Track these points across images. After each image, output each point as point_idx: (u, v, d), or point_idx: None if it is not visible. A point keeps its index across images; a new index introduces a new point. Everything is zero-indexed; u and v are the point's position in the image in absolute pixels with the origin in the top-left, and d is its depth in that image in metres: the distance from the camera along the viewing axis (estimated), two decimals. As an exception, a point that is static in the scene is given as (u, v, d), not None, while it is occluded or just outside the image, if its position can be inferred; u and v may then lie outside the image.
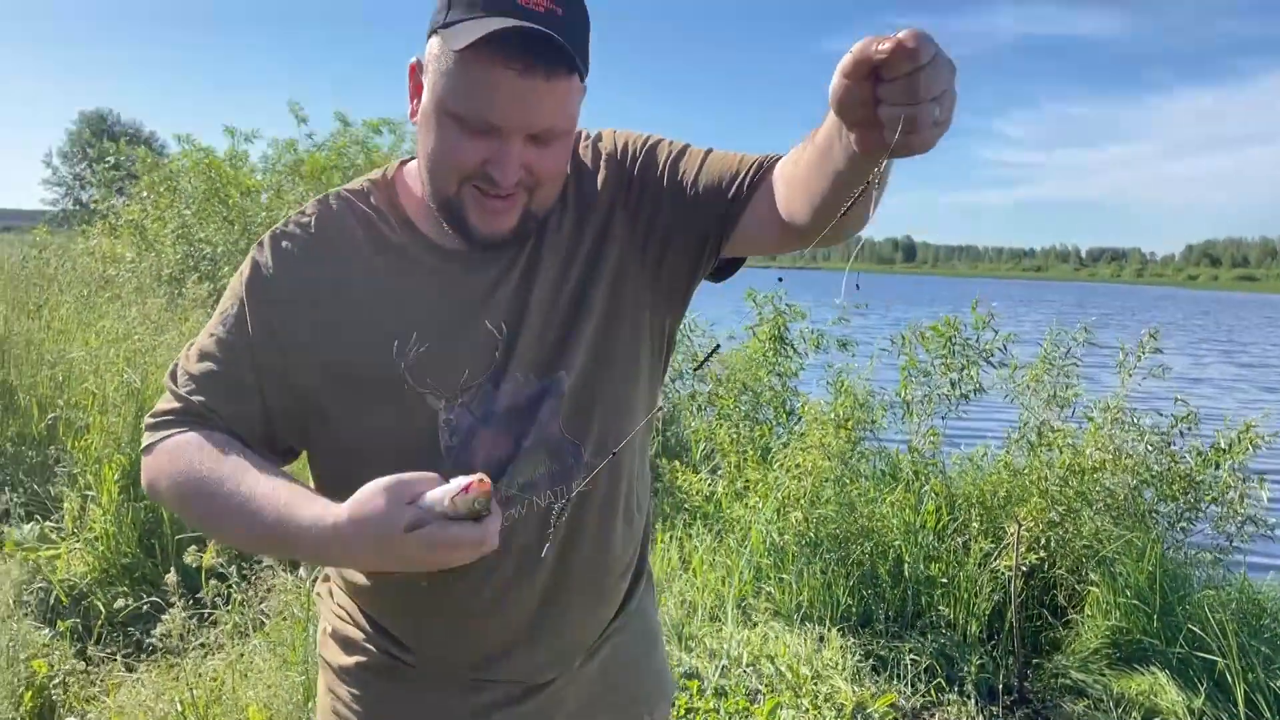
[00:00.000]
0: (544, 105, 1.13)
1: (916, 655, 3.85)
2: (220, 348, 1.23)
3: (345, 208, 1.28)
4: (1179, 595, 3.96)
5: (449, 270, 1.25)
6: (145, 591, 3.58)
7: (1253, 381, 19.12)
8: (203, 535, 1.23)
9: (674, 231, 1.29)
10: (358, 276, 1.23)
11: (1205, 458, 4.35)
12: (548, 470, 1.29)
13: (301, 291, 1.23)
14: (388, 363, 1.19)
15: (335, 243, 1.25)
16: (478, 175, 1.15)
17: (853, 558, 4.31)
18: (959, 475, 4.80)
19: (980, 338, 4.70)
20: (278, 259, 1.24)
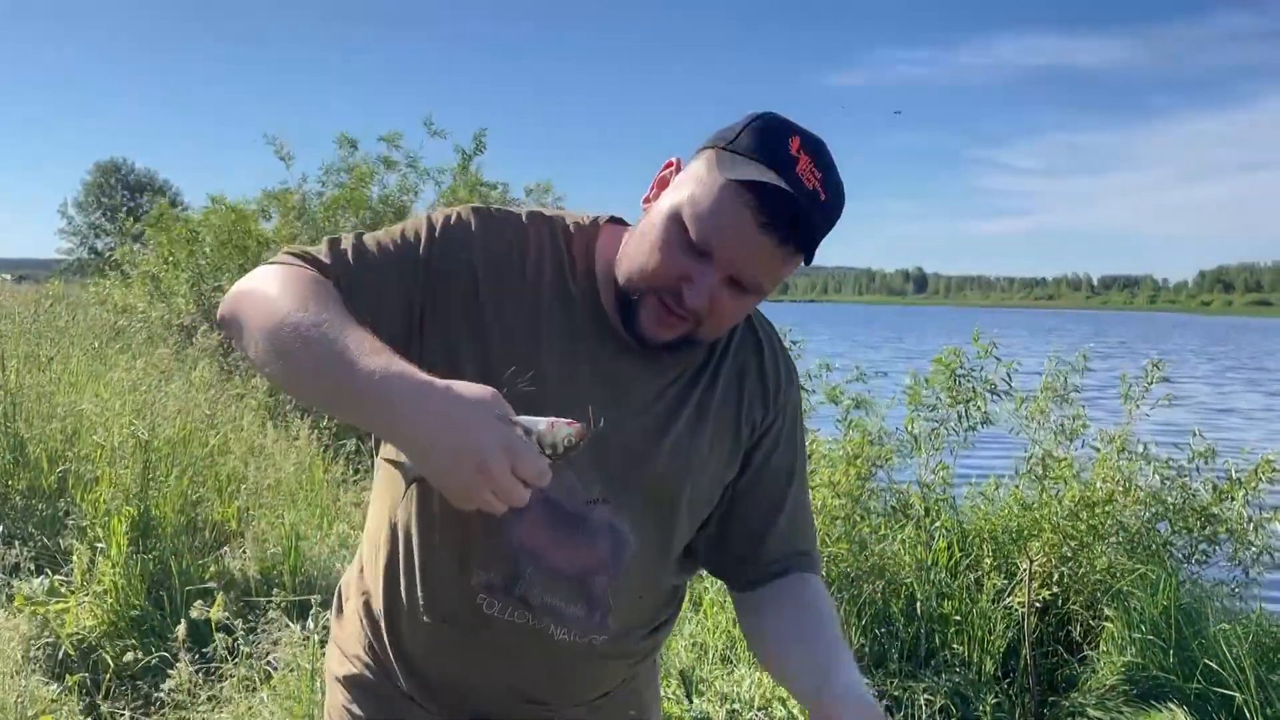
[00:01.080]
0: (761, 261, 1.19)
1: (931, 695, 3.80)
2: (389, 250, 1.25)
3: (548, 230, 1.32)
4: (1195, 630, 3.90)
5: (598, 340, 1.28)
6: (154, 644, 3.57)
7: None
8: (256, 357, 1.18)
9: (733, 508, 1.39)
10: (526, 289, 1.27)
11: (1220, 490, 4.31)
12: (575, 612, 1.30)
13: (482, 265, 1.26)
14: (497, 380, 1.16)
15: (529, 256, 1.29)
16: (670, 288, 1.20)
17: (864, 597, 4.27)
18: (970, 509, 4.76)
19: (984, 367, 4.67)
20: (481, 225, 1.29)
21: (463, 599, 1.28)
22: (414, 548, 1.31)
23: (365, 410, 1.06)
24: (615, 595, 1.30)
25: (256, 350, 1.16)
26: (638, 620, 1.36)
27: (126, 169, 53.56)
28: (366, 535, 1.44)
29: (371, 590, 1.40)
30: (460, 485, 1.01)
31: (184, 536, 4.20)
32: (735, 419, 1.36)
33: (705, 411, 1.33)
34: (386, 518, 1.36)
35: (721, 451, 1.34)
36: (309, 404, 1.31)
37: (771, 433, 1.39)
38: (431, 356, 1.21)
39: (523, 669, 1.33)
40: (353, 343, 1.06)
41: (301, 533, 4.39)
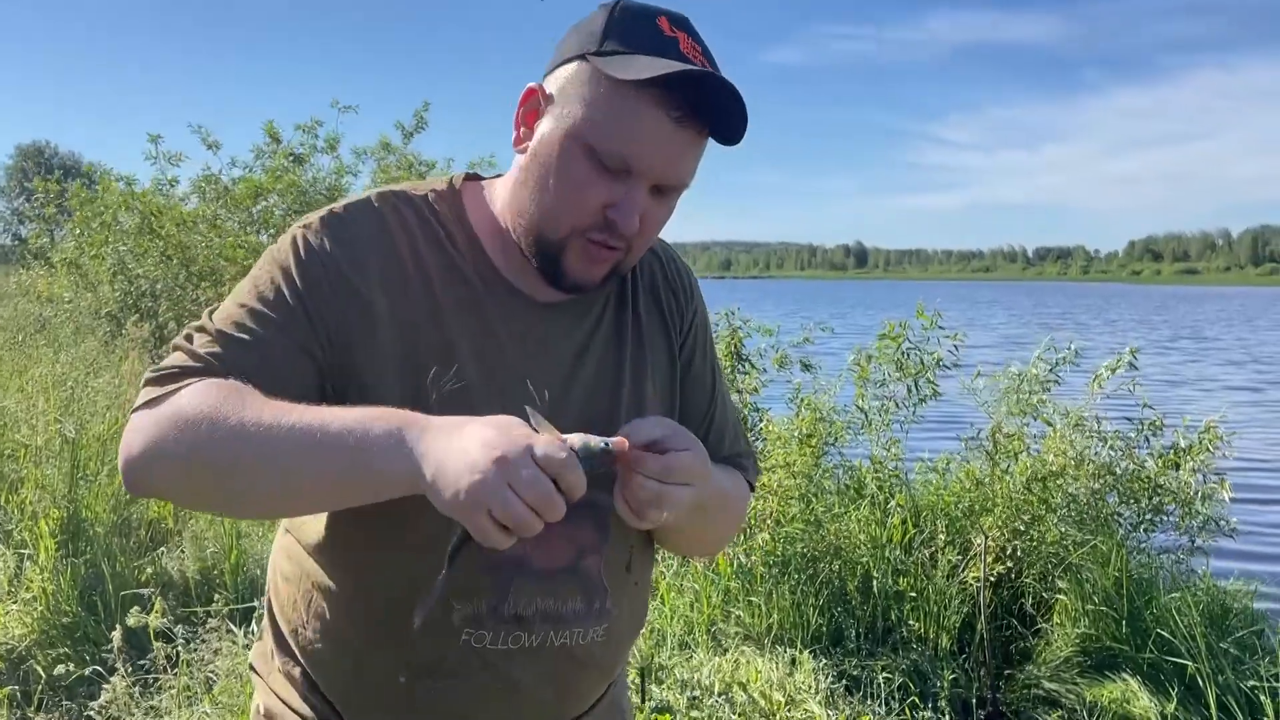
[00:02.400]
0: (684, 160, 1.10)
1: (889, 673, 3.80)
2: (256, 317, 1.08)
3: (410, 210, 1.17)
4: (1146, 599, 3.96)
5: (508, 310, 1.17)
6: (88, 652, 3.41)
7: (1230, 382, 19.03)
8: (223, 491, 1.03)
9: None
10: (414, 285, 1.13)
11: (1166, 459, 4.36)
12: (575, 608, 1.19)
13: (356, 288, 1.10)
14: (419, 387, 1.09)
15: (397, 245, 1.14)
16: (595, 223, 1.09)
17: (821, 576, 4.26)
18: (923, 486, 4.78)
19: (930, 339, 4.67)
20: (335, 237, 1.12)
21: (446, 642, 1.14)
22: (375, 603, 1.16)
23: (386, 477, 0.97)
24: (609, 575, 1.20)
25: (214, 491, 1.06)
26: (629, 603, 1.26)
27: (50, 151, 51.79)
28: (295, 600, 1.22)
29: (317, 662, 1.21)
30: (496, 488, 0.91)
31: (117, 538, 4.03)
32: (666, 339, 1.30)
33: (642, 345, 1.26)
34: (336, 573, 1.18)
35: (663, 377, 1.28)
36: (311, 509, 1.13)
37: (691, 338, 1.33)
38: (353, 397, 1.08)
39: (520, 699, 1.19)
40: (329, 417, 0.98)
41: (243, 530, 4.24)
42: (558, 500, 0.93)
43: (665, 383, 1.29)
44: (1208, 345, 30.70)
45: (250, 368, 1.05)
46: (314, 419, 0.99)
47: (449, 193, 1.21)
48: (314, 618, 1.20)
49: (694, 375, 1.33)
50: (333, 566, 1.18)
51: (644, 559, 1.29)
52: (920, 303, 4.84)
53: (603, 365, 1.22)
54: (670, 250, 1.36)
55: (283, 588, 1.24)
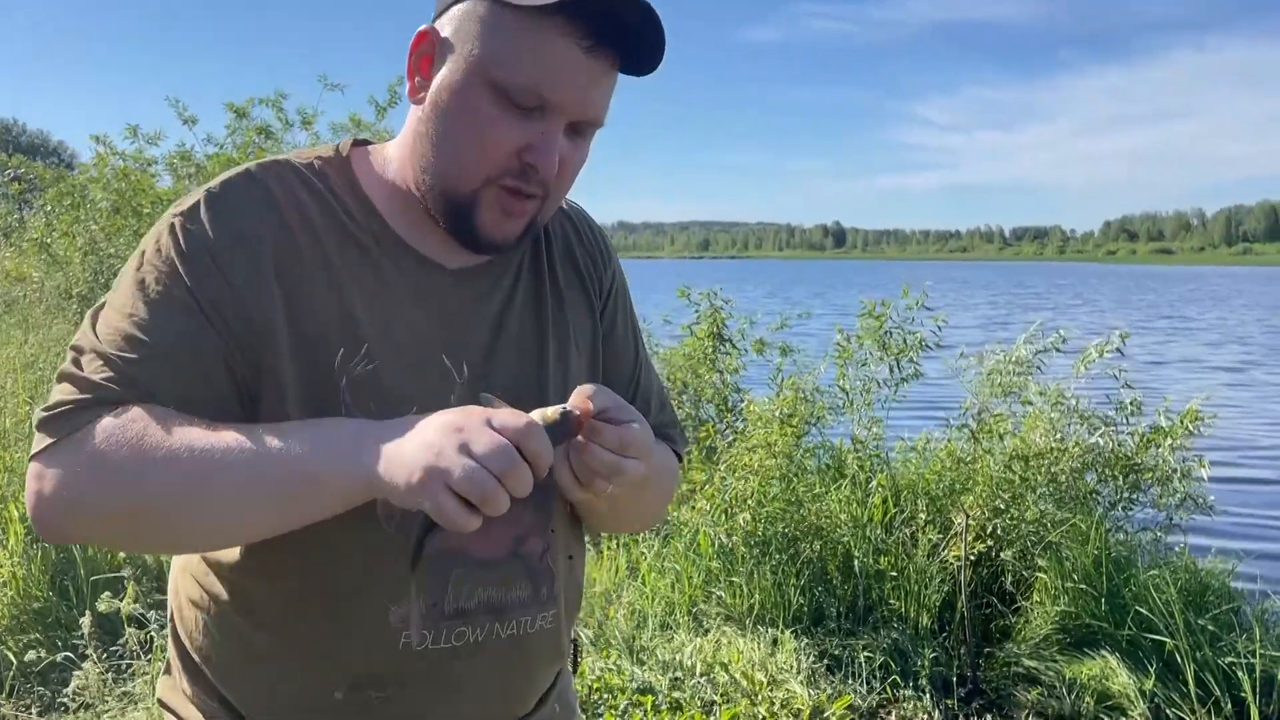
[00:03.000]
0: (599, 92, 1.02)
1: (870, 652, 3.81)
2: (147, 327, 0.96)
3: (297, 180, 1.06)
4: (1125, 577, 3.97)
5: (415, 280, 1.08)
6: (60, 638, 3.36)
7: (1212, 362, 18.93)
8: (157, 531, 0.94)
9: None
10: (310, 260, 1.03)
11: (1145, 439, 4.38)
12: (520, 595, 1.12)
13: (250, 270, 1.00)
14: (327, 374, 1.01)
15: (287, 218, 1.03)
16: (510, 168, 1.01)
17: (802, 556, 4.26)
18: (903, 464, 4.78)
19: (913, 321, 4.67)
20: (217, 219, 1.00)
21: (385, 648, 1.06)
22: (304, 616, 1.06)
23: (336, 487, 0.92)
24: (554, 559, 1.14)
25: (148, 534, 0.99)
26: (570, 586, 1.20)
27: (18, 130, 50.89)
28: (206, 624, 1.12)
29: (238, 687, 1.11)
30: (459, 472, 0.86)
31: (89, 521, 3.96)
32: (587, 303, 1.22)
33: (563, 309, 1.19)
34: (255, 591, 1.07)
35: (587, 342, 1.22)
36: (260, 536, 0.99)
37: (612, 301, 1.26)
38: (266, 389, 1.00)
39: (465, 700, 1.12)
40: (266, 437, 0.92)
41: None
42: (521, 467, 0.87)
43: (589, 348, 1.22)
44: (1189, 325, 30.84)
45: (154, 388, 0.95)
46: (249, 440, 0.92)
47: (337, 159, 1.11)
48: (230, 640, 1.10)
49: (617, 339, 1.26)
50: (252, 584, 1.07)
51: (578, 538, 1.23)
52: (906, 283, 4.83)
53: (524, 332, 1.14)
54: (583, 212, 1.29)
55: (190, 613, 1.13)
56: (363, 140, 1.15)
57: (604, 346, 1.24)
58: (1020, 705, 3.66)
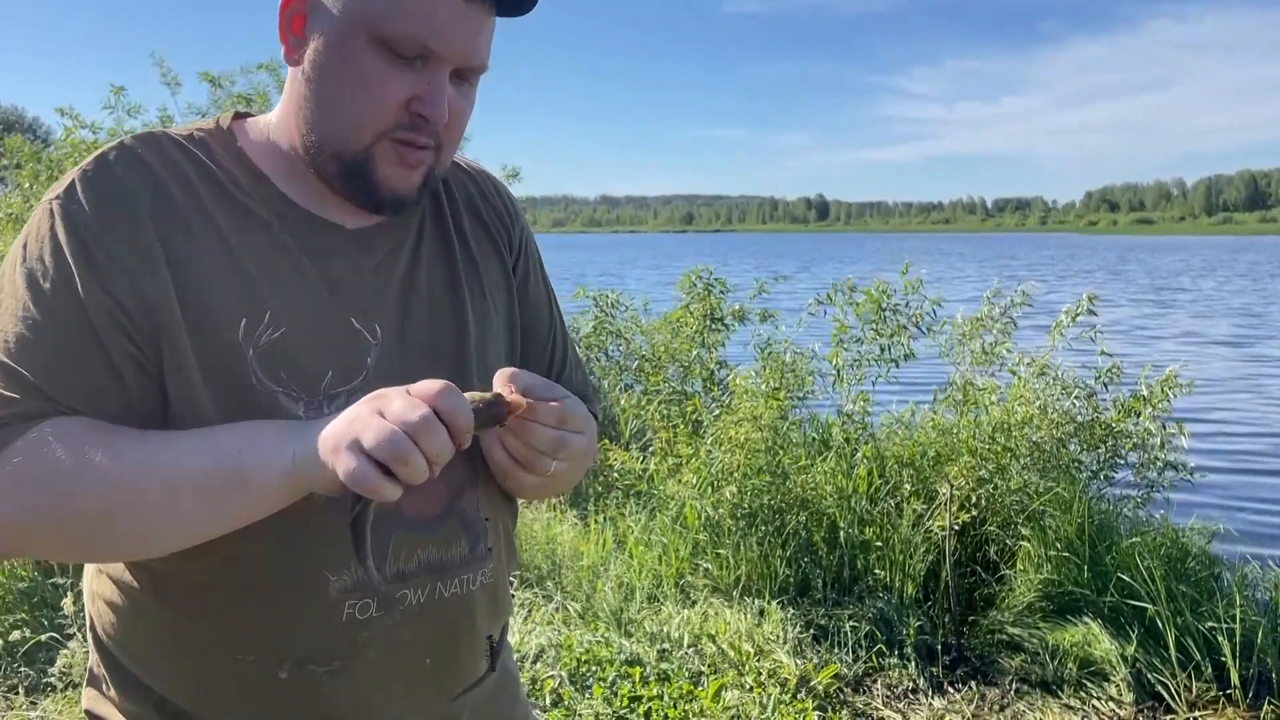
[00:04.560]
0: (480, 35, 1.01)
1: (856, 622, 3.84)
2: (43, 328, 0.92)
3: (176, 151, 1.02)
4: (1107, 544, 4.02)
5: (313, 243, 1.04)
6: (45, 618, 3.34)
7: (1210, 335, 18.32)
8: (86, 545, 0.94)
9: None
10: (198, 235, 0.98)
11: (1126, 407, 4.41)
12: (459, 553, 1.10)
13: (136, 247, 0.95)
14: (232, 346, 0.97)
15: (170, 191, 0.99)
16: (400, 121, 0.99)
17: (788, 528, 4.28)
18: (888, 436, 4.80)
19: (910, 303, 4.69)
20: (97, 198, 0.96)
21: (327, 621, 1.02)
22: (237, 599, 1.02)
23: (270, 485, 0.91)
24: (484, 511, 1.13)
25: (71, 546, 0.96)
26: (504, 540, 1.20)
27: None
28: (131, 622, 1.07)
29: (173, 683, 1.06)
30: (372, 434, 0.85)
31: (73, 501, 3.94)
32: (498, 257, 1.21)
33: (474, 263, 1.17)
34: (181, 580, 1.03)
35: (502, 297, 1.20)
36: (193, 541, 0.95)
37: (524, 257, 1.25)
38: (169, 372, 0.96)
39: (412, 666, 1.10)
40: (190, 444, 0.91)
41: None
42: (435, 425, 0.85)
43: (505, 303, 1.20)
44: (1184, 295, 30.63)
45: (62, 394, 0.92)
46: (171, 446, 0.92)
47: (218, 131, 1.07)
48: (158, 635, 1.06)
49: (531, 296, 1.25)
50: (174, 571, 1.02)
51: (505, 493, 1.20)
52: (906, 264, 4.86)
53: (435, 289, 1.11)
54: (487, 172, 1.27)
55: (109, 615, 1.09)
56: (244, 113, 1.12)
57: (521, 301, 1.23)
58: (1004, 672, 3.70)
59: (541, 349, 1.25)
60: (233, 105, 9.03)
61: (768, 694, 3.33)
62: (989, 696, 3.55)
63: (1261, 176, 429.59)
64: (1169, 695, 3.47)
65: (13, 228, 9.08)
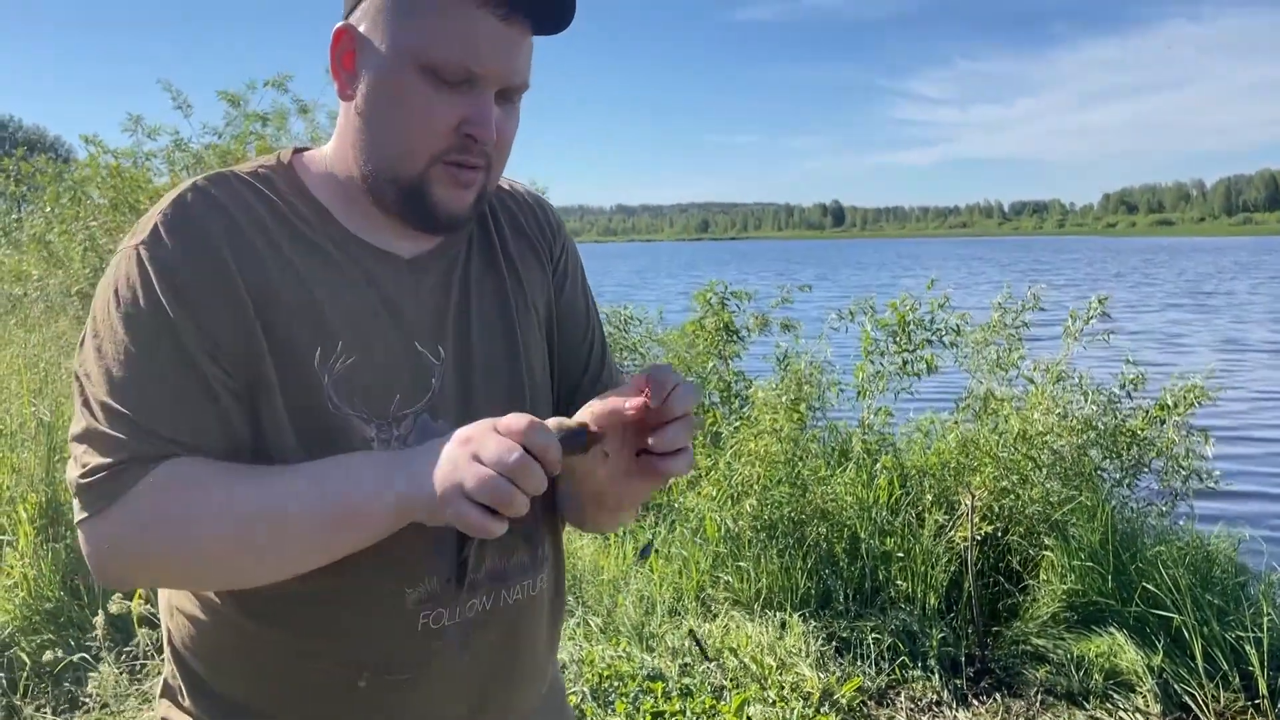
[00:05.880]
0: (520, 56, 1.06)
1: (878, 634, 3.82)
2: (149, 375, 0.98)
3: (246, 190, 1.08)
4: (1131, 554, 3.98)
5: (374, 272, 1.10)
6: (73, 637, 3.37)
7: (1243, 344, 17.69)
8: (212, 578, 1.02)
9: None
10: (272, 270, 1.04)
11: (1149, 415, 4.38)
12: (520, 560, 1.16)
13: (221, 282, 1.01)
14: (309, 373, 1.03)
15: (243, 227, 1.05)
16: (452, 145, 1.05)
17: (809, 539, 4.27)
18: (908, 446, 4.78)
19: (935, 319, 4.69)
20: (180, 240, 1.01)
21: (405, 631, 1.08)
22: (323, 611, 1.07)
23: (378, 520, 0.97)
24: (540, 520, 1.20)
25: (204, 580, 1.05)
26: (556, 548, 1.27)
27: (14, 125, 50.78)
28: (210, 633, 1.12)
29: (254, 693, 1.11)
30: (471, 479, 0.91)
31: (98, 521, 3.97)
32: (541, 270, 1.26)
33: (519, 280, 1.22)
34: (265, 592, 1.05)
35: (545, 307, 1.26)
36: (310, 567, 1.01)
37: (563, 264, 1.30)
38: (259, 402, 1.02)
39: (480, 671, 1.15)
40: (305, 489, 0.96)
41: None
42: (531, 464, 0.91)
43: (544, 310, 1.26)
44: (1218, 299, 29.86)
45: (173, 435, 0.98)
46: (286, 485, 0.97)
47: (280, 167, 1.13)
48: (239, 645, 1.10)
49: (566, 298, 1.29)
50: (260, 588, 1.05)
51: (551, 505, 1.26)
52: (931, 280, 4.87)
53: (487, 309, 1.18)
54: (535, 194, 1.33)
55: (188, 626, 1.13)
56: (301, 148, 1.18)
57: (556, 303, 1.27)
58: (1029, 683, 3.67)
59: (577, 349, 1.30)
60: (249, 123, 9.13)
61: (791, 708, 3.32)
62: (1014, 708, 3.53)
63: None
64: (1196, 706, 3.43)
65: (35, 248, 9.21)
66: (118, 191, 8.43)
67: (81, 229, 8.46)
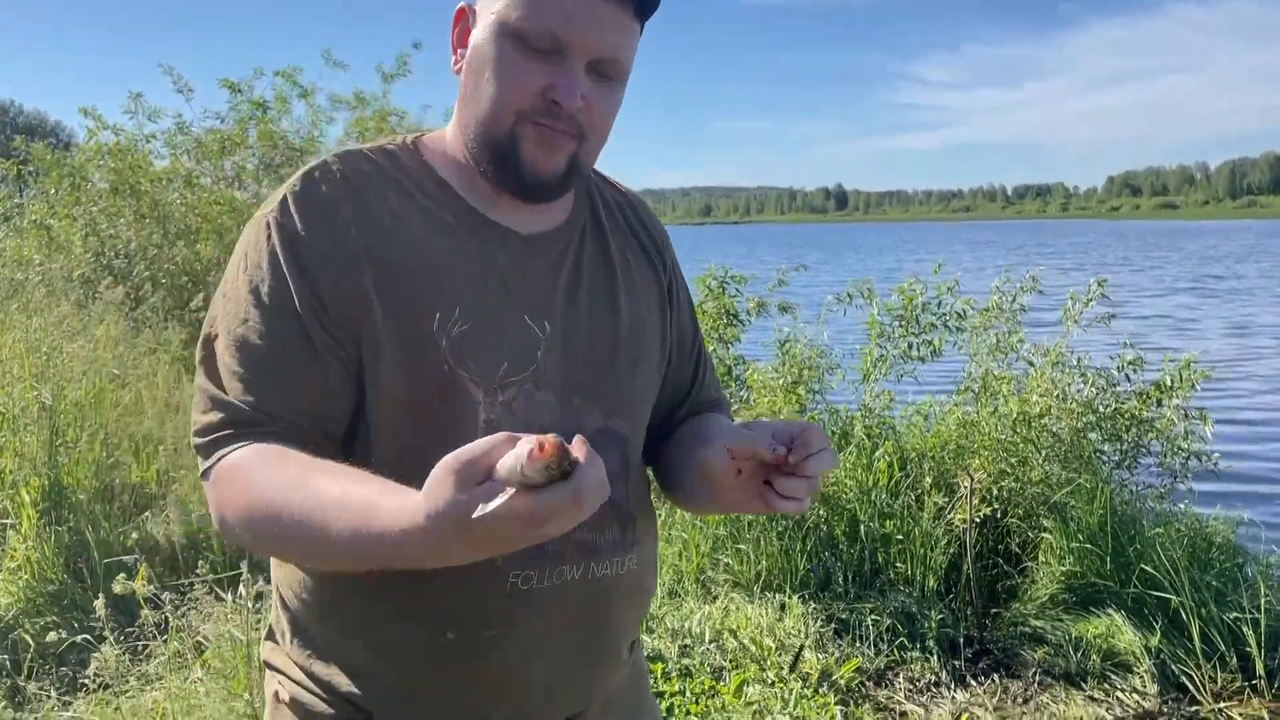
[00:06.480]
0: (612, 30, 1.10)
1: (877, 615, 3.84)
2: (261, 334, 1.07)
3: (373, 166, 1.16)
4: (1130, 535, 3.99)
5: (492, 246, 1.16)
6: (76, 619, 3.40)
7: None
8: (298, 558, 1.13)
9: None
10: (395, 240, 1.11)
11: (1147, 396, 4.38)
12: (612, 537, 1.19)
13: (339, 251, 1.09)
14: (428, 336, 1.09)
15: (368, 200, 1.13)
16: (538, 107, 1.09)
17: (808, 522, 4.28)
18: (908, 429, 4.79)
19: (942, 303, 4.69)
20: (308, 211, 1.10)
21: (495, 588, 1.11)
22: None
23: (410, 565, 0.94)
24: (633, 503, 1.23)
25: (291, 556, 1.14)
26: (650, 531, 1.29)
27: (15, 110, 50.69)
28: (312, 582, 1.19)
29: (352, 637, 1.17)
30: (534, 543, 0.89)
31: (100, 504, 3.99)
32: (652, 270, 1.32)
33: (630, 272, 1.27)
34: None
35: (655, 304, 1.30)
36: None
37: (670, 272, 1.36)
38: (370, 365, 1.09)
39: (565, 639, 1.17)
40: (337, 528, 0.95)
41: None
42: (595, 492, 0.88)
43: (657, 310, 1.30)
44: (1223, 284, 29.25)
45: (278, 404, 1.07)
46: (331, 518, 0.96)
47: (405, 146, 1.20)
48: (337, 597, 1.16)
49: (682, 310, 1.36)
50: None
51: (645, 492, 1.31)
52: (938, 264, 4.87)
53: (595, 297, 1.22)
54: (643, 200, 1.38)
55: (291, 576, 1.20)
56: (423, 132, 1.25)
57: (673, 318, 1.33)
58: (1027, 664, 3.69)
59: (688, 359, 1.37)
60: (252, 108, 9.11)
61: (790, 689, 3.34)
62: (1012, 689, 3.55)
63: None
64: (1194, 686, 3.45)
65: (36, 234, 9.20)
66: (118, 175, 8.41)
67: (82, 214, 8.45)
